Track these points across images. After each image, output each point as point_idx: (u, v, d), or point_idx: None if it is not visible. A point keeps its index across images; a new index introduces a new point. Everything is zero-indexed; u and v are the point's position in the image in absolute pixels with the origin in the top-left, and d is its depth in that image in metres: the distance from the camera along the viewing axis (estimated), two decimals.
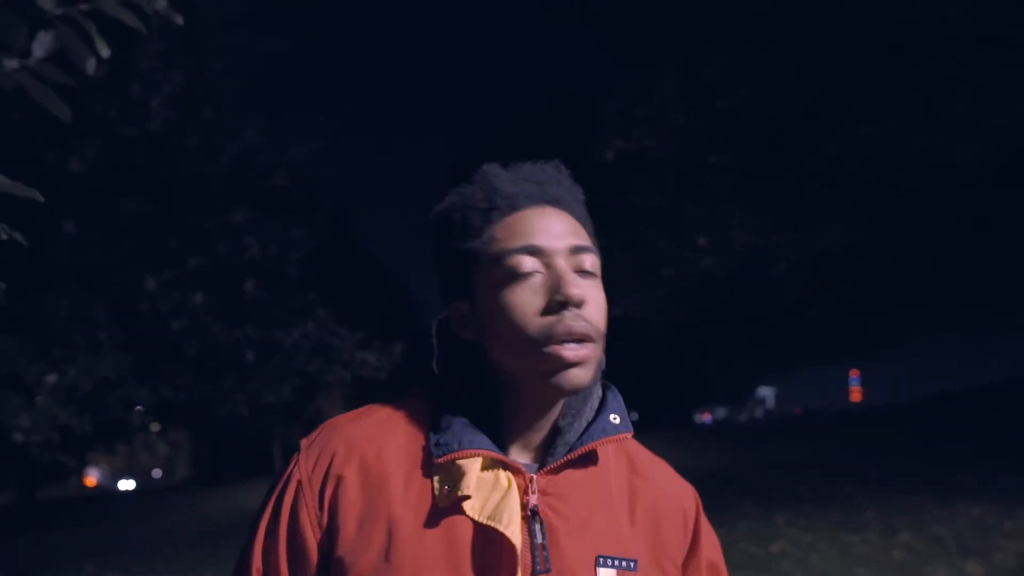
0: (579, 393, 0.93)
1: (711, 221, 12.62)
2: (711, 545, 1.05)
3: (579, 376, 0.88)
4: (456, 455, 0.87)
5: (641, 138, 12.17)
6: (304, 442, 0.97)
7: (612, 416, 0.96)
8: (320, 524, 0.90)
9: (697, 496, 1.07)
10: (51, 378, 4.56)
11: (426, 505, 0.88)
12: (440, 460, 0.88)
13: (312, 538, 0.90)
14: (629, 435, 0.96)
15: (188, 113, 7.24)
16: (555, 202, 0.94)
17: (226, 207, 7.83)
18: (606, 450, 0.99)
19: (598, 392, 0.99)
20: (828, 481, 10.88)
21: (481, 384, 0.95)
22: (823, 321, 16.01)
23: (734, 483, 11.37)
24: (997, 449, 11.98)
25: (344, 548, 0.87)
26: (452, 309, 0.98)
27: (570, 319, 0.86)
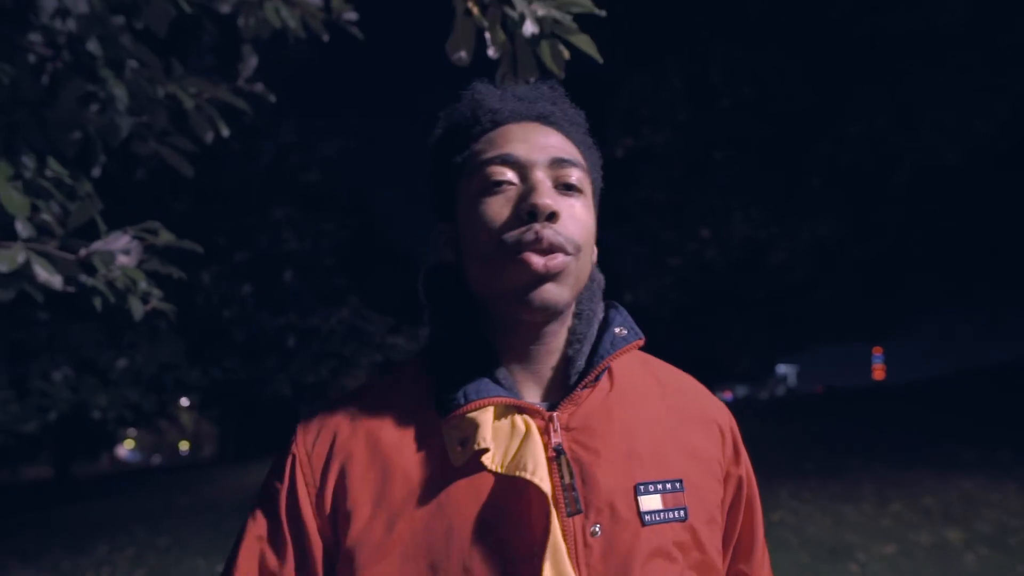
0: (556, 311, 0.84)
1: (714, 213, 13.11)
2: (747, 463, 0.98)
3: (552, 292, 0.81)
4: (464, 409, 0.80)
5: (649, 135, 12.64)
6: (302, 420, 0.91)
7: (617, 330, 0.90)
8: (322, 503, 0.83)
9: (730, 413, 1.00)
10: (122, 362, 5.16)
11: (440, 469, 0.81)
12: (448, 418, 0.81)
13: (312, 518, 0.83)
14: (640, 342, 0.90)
15: (231, 118, 7.80)
16: (542, 118, 0.90)
17: (265, 204, 8.45)
18: (629, 370, 0.94)
19: (600, 314, 0.93)
20: (833, 456, 11.34)
21: (474, 327, 0.88)
22: (831, 303, 16.46)
23: None
24: (1000, 424, 12.35)
25: (359, 528, 0.80)
26: (438, 231, 0.94)
27: (538, 228, 0.80)
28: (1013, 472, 8.68)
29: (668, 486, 0.85)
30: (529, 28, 1.34)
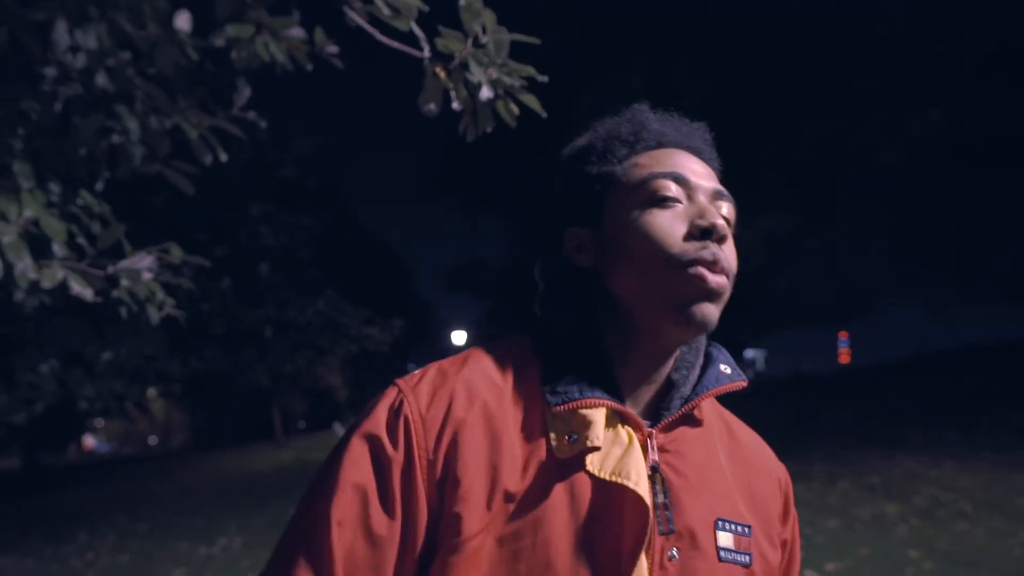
0: (706, 331, 0.85)
1: None
2: (795, 526, 0.98)
3: (711, 311, 0.83)
4: (578, 404, 0.80)
5: None
6: (405, 381, 0.86)
7: (723, 367, 0.92)
8: (432, 470, 0.79)
9: (786, 471, 1.00)
10: (107, 355, 5.39)
11: (542, 457, 0.80)
12: (559, 409, 0.81)
13: (421, 484, 0.79)
14: (744, 384, 0.91)
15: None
16: (697, 152, 0.93)
17: (244, 201, 8.69)
18: (708, 411, 0.95)
19: (703, 348, 0.93)
20: (790, 438, 11.79)
21: (595, 327, 0.89)
22: (789, 291, 17.22)
23: None
24: (948, 407, 12.99)
25: (468, 499, 0.78)
26: (570, 236, 0.93)
27: (714, 248, 0.82)
28: (953, 450, 9.22)
29: (740, 529, 0.86)
30: (485, 93, 1.66)
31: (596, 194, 0.91)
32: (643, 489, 0.78)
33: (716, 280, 0.81)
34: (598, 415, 0.81)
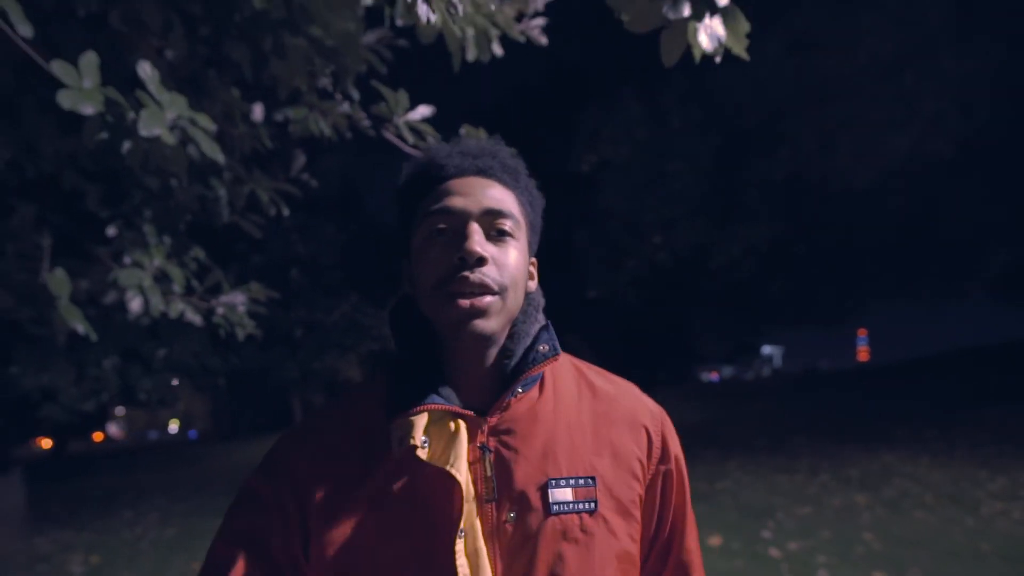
0: (486, 340, 0.96)
1: (664, 221, 14.49)
2: (677, 457, 1.08)
3: (479, 325, 0.93)
4: (404, 414, 0.93)
5: (610, 152, 13.91)
6: (285, 438, 1.03)
7: (541, 347, 1.01)
8: (293, 507, 0.96)
9: (663, 417, 1.09)
10: (161, 352, 6.13)
11: (385, 461, 0.96)
12: (394, 420, 0.94)
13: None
14: (556, 359, 1.00)
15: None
16: (483, 172, 1.00)
17: (277, 213, 9.48)
18: (564, 379, 1.06)
19: (534, 333, 1.03)
20: (784, 433, 12.36)
21: (426, 346, 1.01)
22: (780, 293, 17.94)
23: (705, 434, 12.88)
24: (934, 406, 13.47)
25: (322, 522, 0.94)
26: (402, 266, 1.06)
27: (466, 273, 0.92)
28: (931, 447, 9.77)
29: (581, 481, 0.97)
30: None
31: (406, 231, 1.04)
32: (458, 468, 0.91)
33: (471, 303, 0.92)
34: (421, 419, 0.93)
